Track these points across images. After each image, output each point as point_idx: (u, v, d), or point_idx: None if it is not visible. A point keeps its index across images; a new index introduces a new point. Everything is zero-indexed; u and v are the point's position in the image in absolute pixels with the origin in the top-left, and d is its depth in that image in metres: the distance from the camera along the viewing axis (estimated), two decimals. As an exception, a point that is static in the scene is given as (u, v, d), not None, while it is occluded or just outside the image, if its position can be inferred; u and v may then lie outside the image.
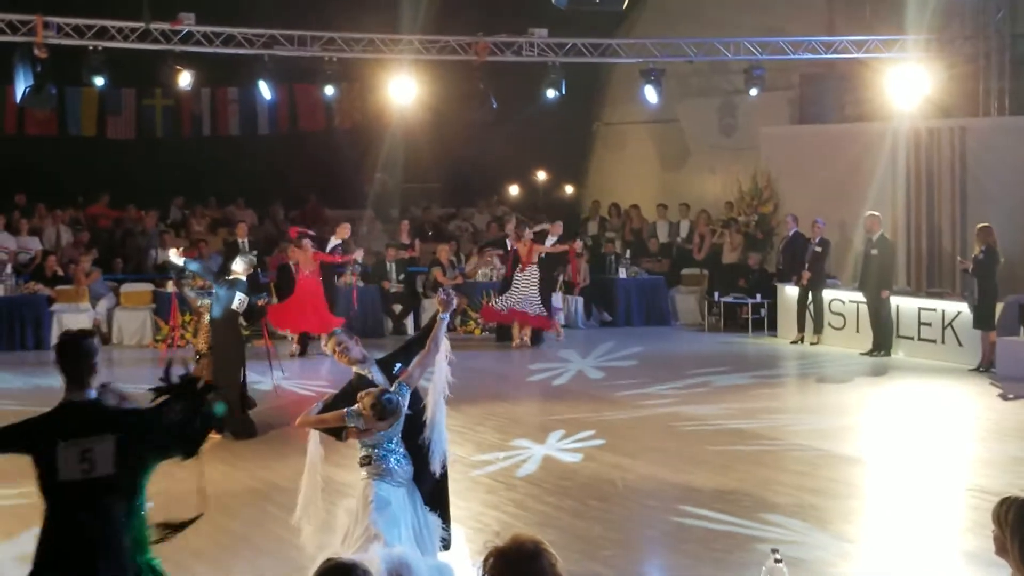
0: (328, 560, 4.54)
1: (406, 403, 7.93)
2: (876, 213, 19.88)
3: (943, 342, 18.85)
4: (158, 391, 5.61)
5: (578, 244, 22.63)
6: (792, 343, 20.95)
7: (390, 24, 22.16)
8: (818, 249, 20.93)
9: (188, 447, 5.74)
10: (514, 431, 13.89)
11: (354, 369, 8.28)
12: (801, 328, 20.98)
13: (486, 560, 4.15)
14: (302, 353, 19.96)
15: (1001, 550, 4.85)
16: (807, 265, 20.97)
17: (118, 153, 26.53)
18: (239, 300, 13.53)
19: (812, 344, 20.65)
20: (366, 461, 7.92)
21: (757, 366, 18.90)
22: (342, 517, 8.00)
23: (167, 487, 11.13)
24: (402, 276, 22.27)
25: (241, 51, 21.41)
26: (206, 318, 14.01)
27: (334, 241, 20.45)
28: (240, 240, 22.00)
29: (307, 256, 19.81)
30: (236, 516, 10.25)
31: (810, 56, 22.94)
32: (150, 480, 5.69)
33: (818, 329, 20.82)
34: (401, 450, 7.99)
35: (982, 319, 17.72)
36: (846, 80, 23.84)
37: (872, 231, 19.62)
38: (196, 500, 6.46)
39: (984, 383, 17.05)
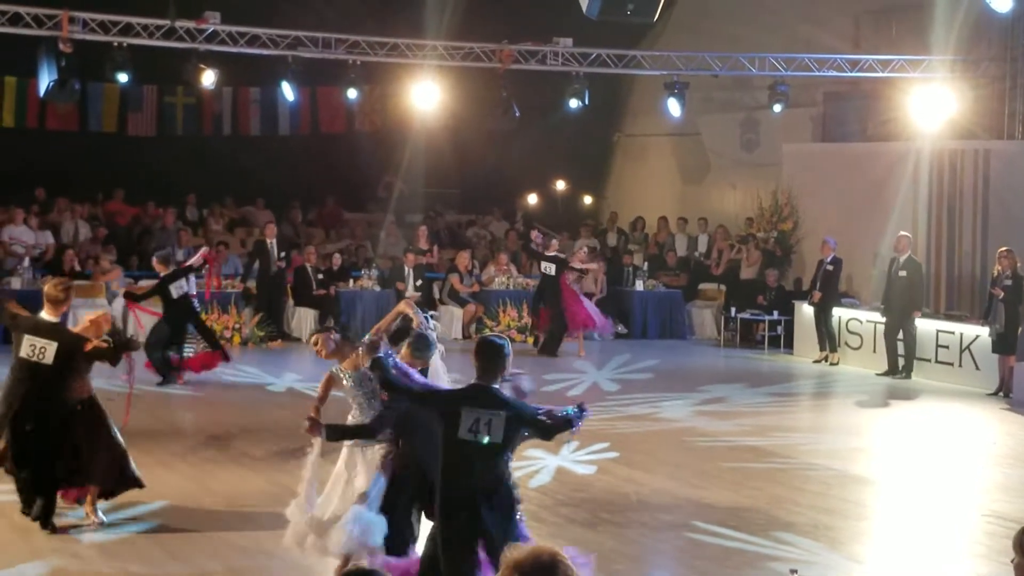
0: (353, 566, 4.48)
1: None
2: (907, 234, 19.74)
3: (960, 365, 18.74)
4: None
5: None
6: (815, 362, 20.84)
7: (415, 29, 22.14)
8: (830, 268, 20.82)
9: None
10: (527, 441, 13.78)
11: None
12: (823, 347, 20.88)
13: (502, 571, 4.10)
14: None
15: (1023, 579, 4.79)
16: (818, 284, 20.89)
17: (138, 150, 26.58)
18: None
19: (833, 364, 20.53)
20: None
21: (772, 383, 18.83)
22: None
23: (173, 486, 11.14)
24: (419, 282, 22.25)
25: (265, 52, 21.40)
26: None
27: None
28: (268, 240, 21.96)
29: None
30: (251, 520, 10.21)
31: (835, 74, 22.86)
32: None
33: (833, 348, 20.72)
34: None
35: (1003, 344, 17.58)
36: (870, 99, 23.77)
37: (901, 251, 19.45)
38: None
39: (1001, 408, 16.96)
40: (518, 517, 7.32)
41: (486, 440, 7.04)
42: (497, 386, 7.30)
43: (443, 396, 7.52)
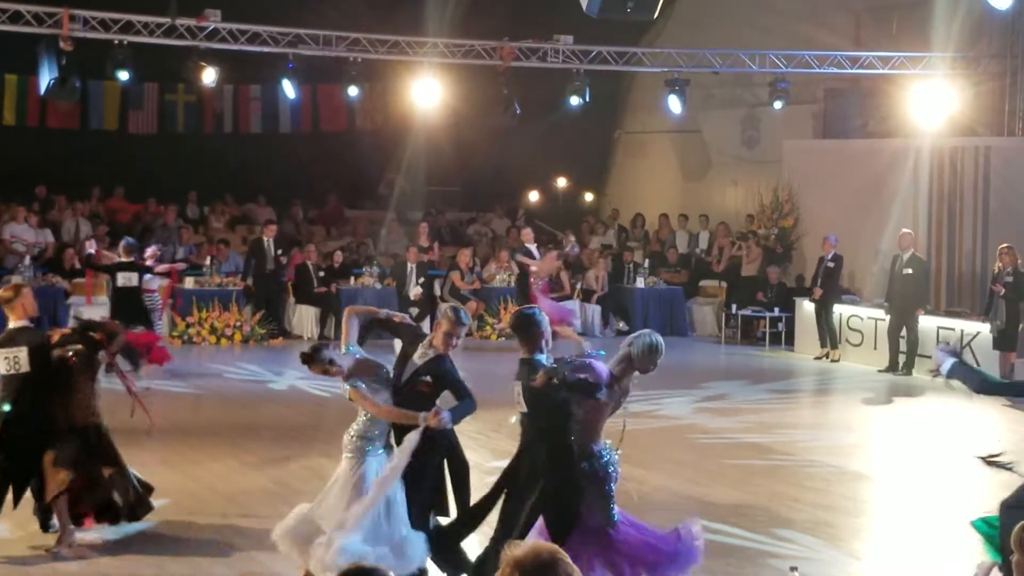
0: (353, 566, 4.46)
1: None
2: (910, 231, 19.75)
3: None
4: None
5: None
6: (816, 359, 20.86)
7: (416, 26, 22.16)
8: (831, 265, 20.83)
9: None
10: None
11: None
12: (824, 344, 20.90)
13: (503, 569, 4.09)
14: None
15: (1023, 576, 4.79)
16: (819, 281, 20.88)
17: (139, 148, 26.59)
18: None
19: (833, 361, 20.55)
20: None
21: (773, 380, 18.84)
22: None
23: (175, 484, 11.13)
24: (421, 279, 22.26)
25: (266, 49, 21.41)
26: None
27: None
28: (266, 239, 21.98)
29: None
30: (253, 519, 10.19)
31: (835, 71, 22.89)
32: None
33: (834, 344, 20.74)
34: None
35: (1004, 340, 17.58)
36: (871, 95, 23.79)
37: (904, 249, 19.44)
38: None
39: (1003, 405, 16.92)
40: (609, 507, 7.69)
41: (522, 411, 7.64)
42: (540, 356, 7.78)
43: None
